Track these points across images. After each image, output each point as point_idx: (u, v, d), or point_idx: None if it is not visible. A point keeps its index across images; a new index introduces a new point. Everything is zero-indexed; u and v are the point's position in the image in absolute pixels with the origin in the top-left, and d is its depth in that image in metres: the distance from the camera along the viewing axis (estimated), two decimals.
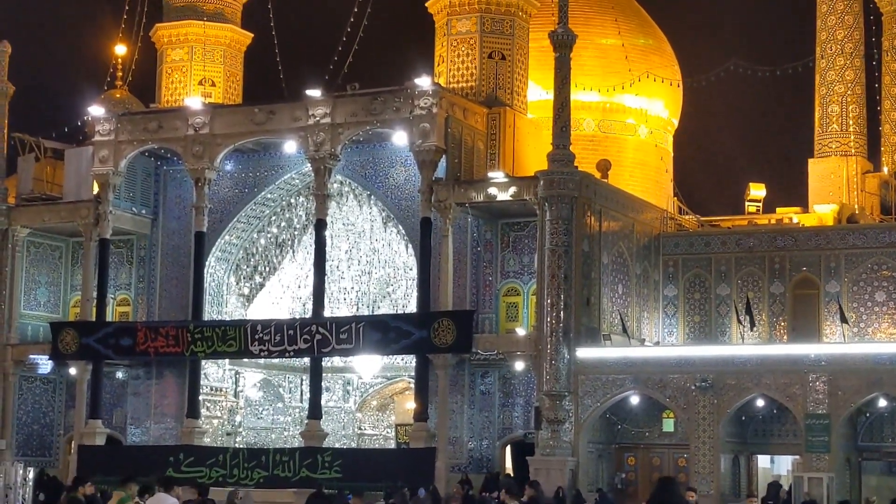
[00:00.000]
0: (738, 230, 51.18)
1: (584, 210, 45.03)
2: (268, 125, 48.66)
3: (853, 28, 61.96)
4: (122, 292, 52.29)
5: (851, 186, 59.35)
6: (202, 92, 54.90)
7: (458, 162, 47.17)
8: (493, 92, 49.66)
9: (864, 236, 47.87)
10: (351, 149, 48.33)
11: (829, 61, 61.89)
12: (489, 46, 50.11)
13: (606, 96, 58.16)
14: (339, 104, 47.52)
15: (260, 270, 52.38)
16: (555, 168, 44.37)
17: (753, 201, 58.61)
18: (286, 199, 51.49)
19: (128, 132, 50.24)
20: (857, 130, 61.42)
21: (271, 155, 50.23)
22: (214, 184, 49.85)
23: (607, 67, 57.98)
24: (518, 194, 45.76)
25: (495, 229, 47.87)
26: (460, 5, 50.25)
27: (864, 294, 47.08)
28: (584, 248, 44.96)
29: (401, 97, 46.63)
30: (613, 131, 59.19)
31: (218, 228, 50.45)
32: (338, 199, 50.65)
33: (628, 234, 47.89)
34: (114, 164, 50.00)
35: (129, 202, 51.40)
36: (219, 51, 56.55)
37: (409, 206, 47.90)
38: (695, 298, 48.85)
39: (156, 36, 56.77)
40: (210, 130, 49.23)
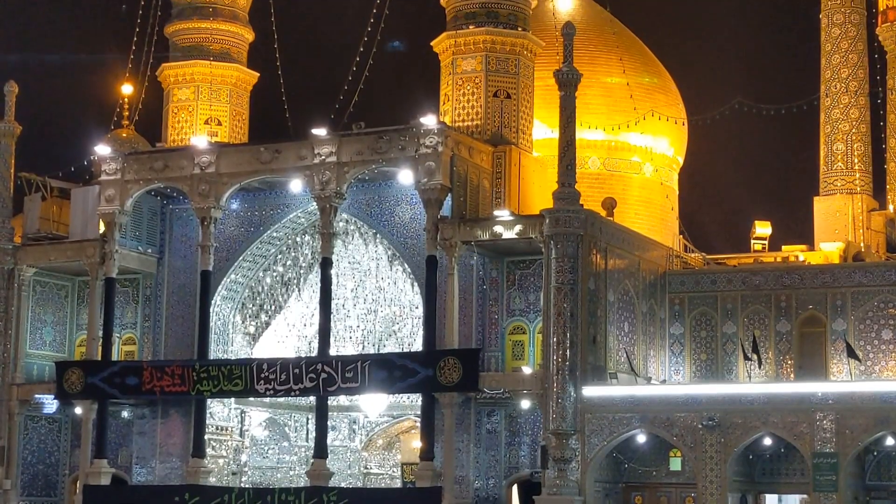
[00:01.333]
0: (744, 268, 51.04)
1: (590, 248, 44.96)
2: (273, 164, 48.68)
3: (857, 66, 62.14)
4: (128, 331, 52.20)
5: (857, 224, 59.33)
6: (208, 131, 55.08)
7: (464, 200, 47.17)
8: (498, 130, 49.71)
9: (870, 274, 47.74)
10: (356, 187, 48.35)
11: (833, 99, 62.01)
12: (494, 85, 50.20)
13: (612, 134, 58.22)
14: (345, 143, 47.58)
15: (266, 309, 52.29)
16: (560, 206, 44.34)
17: (759, 239, 58.57)
18: (292, 238, 51.47)
19: (134, 171, 50.29)
20: (862, 168, 61.45)
21: (277, 194, 50.24)
22: (220, 223, 49.85)
23: (612, 106, 58.08)
24: (524, 232, 45.72)
25: (501, 267, 47.79)
26: (465, 45, 50.39)
27: (871, 332, 46.93)
28: (590, 286, 44.88)
29: (406, 136, 46.67)
30: (619, 169, 59.21)
31: (224, 267, 50.42)
32: (343, 237, 50.63)
33: (634, 272, 47.79)
34: (120, 203, 50.03)
35: (135, 241, 51.39)
36: (225, 90, 56.71)
37: (415, 244, 47.87)
38: (701, 336, 48.71)
39: (162, 75, 56.96)
40: (216, 169, 49.28)
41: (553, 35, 51.05)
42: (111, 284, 50.07)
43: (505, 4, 50.75)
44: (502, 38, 50.34)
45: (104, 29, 75.69)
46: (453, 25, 50.88)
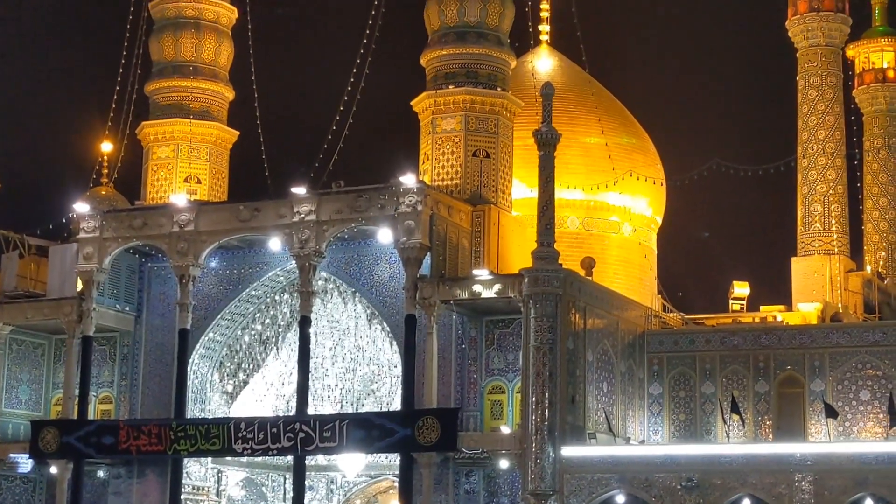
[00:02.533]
0: (722, 328, 51.09)
1: (569, 308, 44.99)
2: (253, 222, 48.70)
3: (834, 128, 62.66)
4: (105, 390, 51.90)
5: (835, 285, 59.58)
6: (188, 189, 55.06)
7: (443, 259, 47.21)
8: (477, 190, 49.87)
9: (848, 335, 47.81)
10: (336, 246, 48.36)
11: (810, 160, 62.47)
12: (474, 144, 50.41)
13: (590, 194, 58.42)
14: (324, 201, 47.65)
15: (244, 367, 52.13)
16: (539, 266, 44.41)
17: (737, 299, 58.76)
18: (271, 296, 51.40)
19: (112, 229, 50.22)
20: (840, 229, 61.83)
21: (256, 252, 50.21)
22: (199, 281, 49.77)
23: (591, 166, 58.34)
24: (503, 292, 45.74)
25: (480, 327, 47.77)
26: (445, 104, 50.65)
27: (849, 393, 46.95)
28: (569, 346, 44.86)
29: (386, 195, 46.76)
30: (597, 229, 59.38)
31: (202, 325, 50.29)
32: (322, 296, 50.58)
33: (613, 331, 47.80)
34: (98, 262, 49.91)
35: (112, 299, 51.23)
36: (205, 148, 56.79)
37: (394, 303, 47.84)
38: (680, 396, 48.64)
39: (142, 134, 57.02)
40: (195, 227, 49.26)
41: (532, 95, 51.37)
42: (88, 343, 49.84)
43: (484, 65, 51.08)
44: (482, 97, 50.61)
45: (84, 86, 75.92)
46: (433, 85, 51.17)
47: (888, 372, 46.53)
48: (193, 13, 57.21)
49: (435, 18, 51.65)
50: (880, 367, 46.69)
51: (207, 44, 57.24)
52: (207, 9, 57.40)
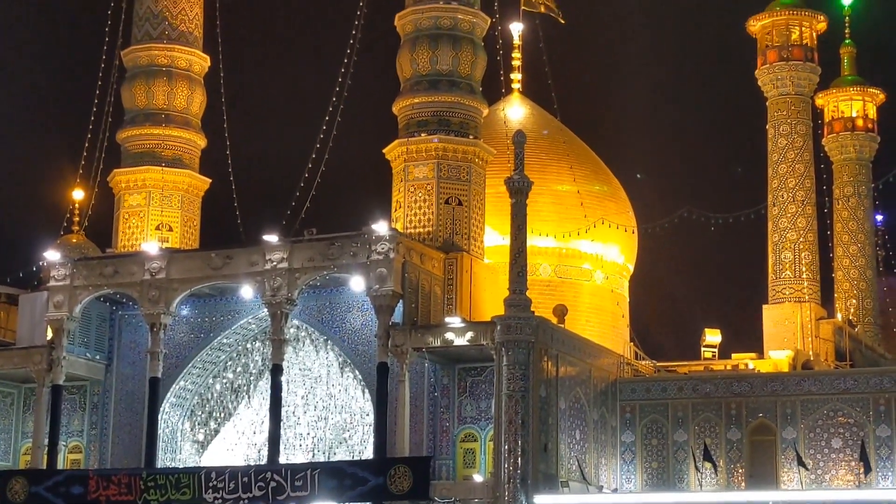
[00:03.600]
0: (694, 376, 51.14)
1: (541, 355, 44.97)
2: (225, 270, 48.61)
3: (804, 176, 63.06)
4: (74, 439, 51.51)
5: (806, 332, 59.80)
6: (159, 237, 54.97)
7: (415, 307, 47.18)
8: (450, 237, 49.95)
9: (819, 383, 47.94)
10: (308, 293, 48.30)
11: (781, 208, 62.82)
12: (446, 192, 50.52)
13: (562, 242, 58.59)
14: (297, 249, 47.61)
15: (215, 416, 51.84)
16: (511, 313, 44.41)
17: (709, 347, 58.85)
18: (242, 344, 51.23)
19: (83, 277, 50.04)
20: (811, 277, 62.10)
21: (228, 300, 50.09)
22: (170, 329, 49.59)
23: (563, 213, 58.55)
24: (475, 339, 45.69)
25: (452, 374, 47.68)
26: (417, 152, 50.80)
27: (821, 441, 47.00)
28: (542, 394, 44.82)
29: (358, 242, 46.76)
30: (570, 276, 59.48)
31: (173, 374, 50.04)
32: (294, 343, 50.41)
33: (585, 379, 47.80)
34: (68, 310, 49.70)
35: (83, 347, 50.96)
36: (176, 196, 56.68)
37: (366, 350, 47.74)
38: (652, 444, 48.60)
39: (114, 181, 56.90)
40: (166, 275, 49.13)
41: (504, 143, 51.61)
42: (58, 392, 49.50)
43: (457, 113, 51.29)
44: (454, 145, 50.79)
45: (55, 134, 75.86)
46: (405, 133, 51.33)
47: (859, 419, 46.64)
48: (166, 61, 57.25)
49: (407, 66, 51.88)
50: (852, 415, 46.80)
51: (180, 92, 57.26)
52: (180, 57, 57.47)
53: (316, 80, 67.73)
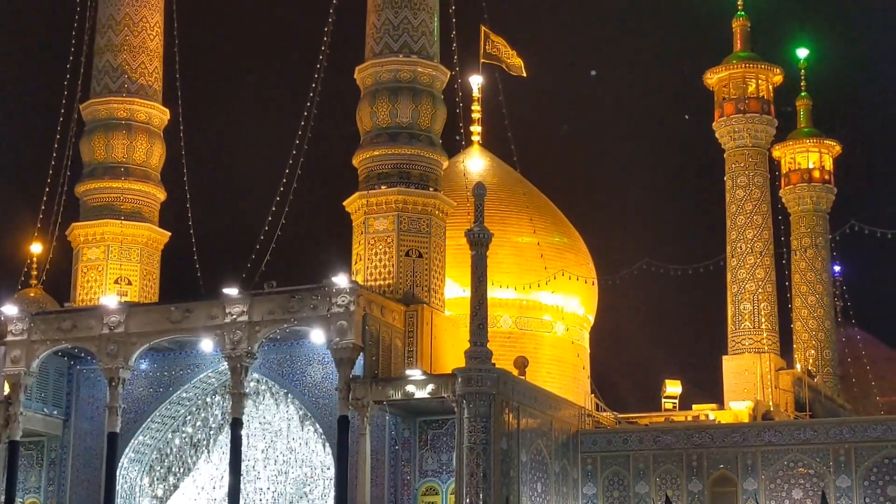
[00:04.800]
0: (655, 427, 51.23)
1: (503, 407, 44.93)
2: (184, 323, 48.39)
3: (762, 227, 63.41)
4: (31, 496, 50.95)
5: (765, 383, 59.96)
6: (118, 290, 54.67)
7: (376, 359, 47.09)
8: (410, 289, 49.93)
9: (779, 433, 48.12)
10: (268, 347, 48.15)
11: (739, 260, 63.13)
12: (406, 244, 50.56)
13: (523, 293, 58.73)
14: (257, 302, 47.48)
15: (174, 471, 51.45)
16: (472, 365, 44.37)
17: (670, 398, 58.93)
18: (202, 398, 50.97)
19: (41, 332, 49.69)
20: (770, 328, 62.32)
21: (187, 353, 49.89)
22: (129, 383, 49.28)
23: (523, 265, 58.71)
24: (436, 392, 45.63)
25: (413, 427, 47.57)
26: (377, 204, 50.85)
27: (782, 492, 47.11)
28: (503, 446, 44.72)
29: (318, 295, 46.69)
30: (530, 328, 59.57)
31: (132, 429, 49.70)
32: (254, 397, 50.19)
33: (546, 431, 47.76)
34: (26, 365, 49.30)
35: (40, 403, 50.56)
36: (136, 249, 56.49)
37: (327, 404, 47.59)
38: (614, 497, 48.58)
39: (72, 235, 56.66)
40: (125, 329, 48.88)
41: (464, 195, 51.69)
42: (15, 448, 48.97)
43: (416, 165, 51.44)
44: (414, 198, 50.90)
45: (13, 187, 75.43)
46: (365, 185, 51.40)
47: (820, 470, 46.78)
48: (125, 114, 57.22)
49: (367, 119, 52.03)
50: (812, 466, 46.95)
51: (139, 145, 57.20)
52: (139, 110, 57.44)
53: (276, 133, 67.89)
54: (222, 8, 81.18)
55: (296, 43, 76.19)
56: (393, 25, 52.22)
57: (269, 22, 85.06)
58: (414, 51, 52.05)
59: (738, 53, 65.98)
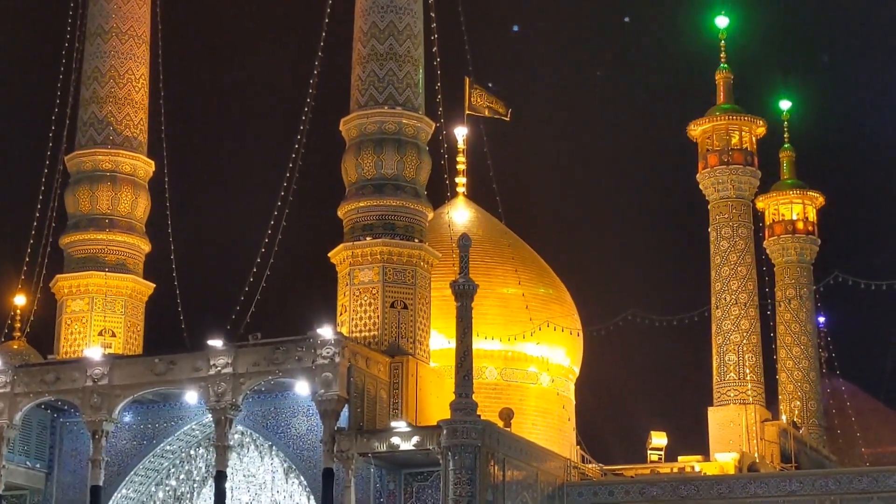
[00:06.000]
0: (641, 479, 51.14)
1: (488, 459, 44.82)
2: (168, 375, 48.22)
3: (746, 278, 63.63)
4: None
5: (751, 435, 59.97)
6: (102, 342, 54.51)
7: (361, 411, 46.95)
8: (395, 341, 49.84)
9: (765, 485, 48.05)
10: (252, 399, 47.96)
11: (724, 311, 63.29)
12: (391, 296, 50.51)
13: (508, 345, 58.67)
14: (241, 354, 47.35)
15: None
16: (457, 417, 44.31)
17: (655, 450, 58.87)
18: (186, 451, 50.68)
19: (24, 384, 49.42)
20: (755, 379, 62.42)
21: (171, 405, 49.65)
22: (112, 436, 48.99)
23: (508, 316, 58.67)
24: (421, 444, 45.48)
25: (398, 479, 47.34)
26: (363, 256, 50.85)
27: None
28: (489, 498, 44.57)
29: (303, 347, 46.58)
30: (516, 379, 59.47)
31: (115, 482, 49.31)
32: (238, 449, 49.91)
33: (532, 483, 47.60)
34: (9, 418, 48.99)
35: (23, 456, 50.23)
36: (120, 301, 56.36)
37: (311, 456, 47.36)
38: None
39: (56, 287, 56.52)
40: (109, 381, 48.65)
41: (449, 246, 51.82)
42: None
43: (402, 216, 51.47)
44: (399, 249, 50.87)
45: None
46: (350, 237, 51.41)
47: None
48: (110, 166, 57.27)
49: (352, 170, 52.13)
50: None
51: (124, 196, 57.19)
52: (124, 162, 57.50)
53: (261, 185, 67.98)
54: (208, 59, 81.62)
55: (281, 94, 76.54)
56: (378, 77, 52.44)
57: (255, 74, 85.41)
58: (399, 102, 52.24)
59: (722, 106, 66.44)
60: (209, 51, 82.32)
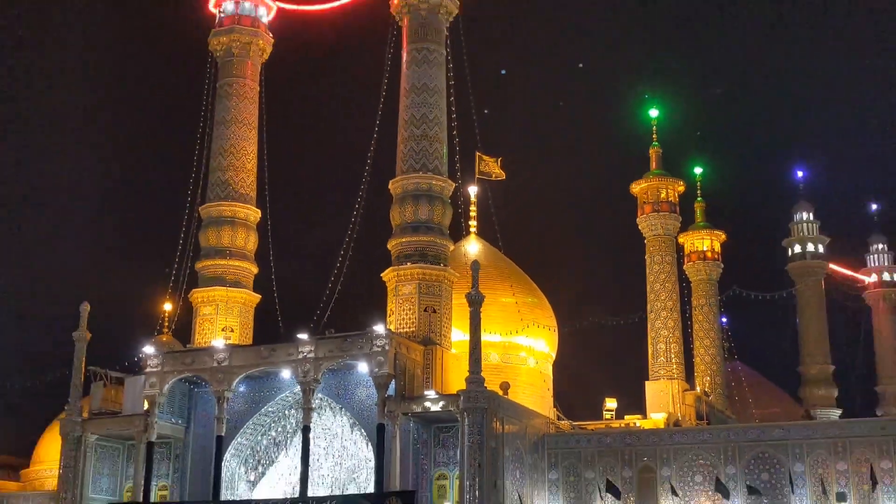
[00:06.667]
0: (598, 431, 50.93)
1: (492, 418, 44.79)
2: (270, 359, 48.36)
3: (672, 291, 63.52)
4: (163, 480, 50.70)
5: (675, 400, 59.73)
6: (224, 336, 54.69)
7: (403, 384, 46.98)
8: (427, 335, 49.84)
9: (685, 436, 47.87)
10: (328, 375, 48.04)
11: (656, 314, 63.14)
12: (424, 303, 50.53)
13: (506, 337, 58.56)
14: (320, 344, 47.48)
15: (262, 463, 51.09)
16: (471, 388, 44.33)
17: (608, 411, 58.64)
18: (282, 411, 50.73)
19: (170, 365, 49.67)
20: (678, 361, 62.28)
21: (272, 380, 49.74)
22: (230, 401, 49.15)
23: (506, 318, 58.61)
24: (445, 407, 45.48)
25: (430, 431, 47.32)
26: (404, 276, 50.89)
27: (688, 477, 46.79)
28: (492, 445, 44.51)
29: (364, 339, 46.71)
30: (511, 362, 59.32)
31: (232, 433, 49.48)
32: (318, 410, 49.91)
33: (523, 434, 47.51)
34: (160, 388, 49.27)
35: (168, 415, 50.42)
36: (236, 307, 56.55)
37: (369, 415, 47.39)
38: (570, 481, 48.21)
39: (192, 297, 56.72)
40: (229, 363, 48.84)
41: (465, 269, 51.77)
42: (151, 447, 48.89)
43: (431, 249, 51.53)
44: (430, 271, 50.91)
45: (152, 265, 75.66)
46: (396, 263, 51.48)
47: (714, 461, 46.51)
48: (230, 214, 57.57)
49: (397, 216, 52.26)
50: (708, 459, 46.67)
51: (239, 235, 57.45)
52: (239, 210, 57.77)
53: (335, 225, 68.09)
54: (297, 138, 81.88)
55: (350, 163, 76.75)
56: (415, 152, 52.61)
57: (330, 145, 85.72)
58: (429, 169, 52.38)
59: (654, 171, 66.41)
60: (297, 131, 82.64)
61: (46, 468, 61.70)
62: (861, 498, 44.40)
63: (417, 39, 53.57)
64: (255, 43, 59.81)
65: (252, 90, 59.65)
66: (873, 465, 44.40)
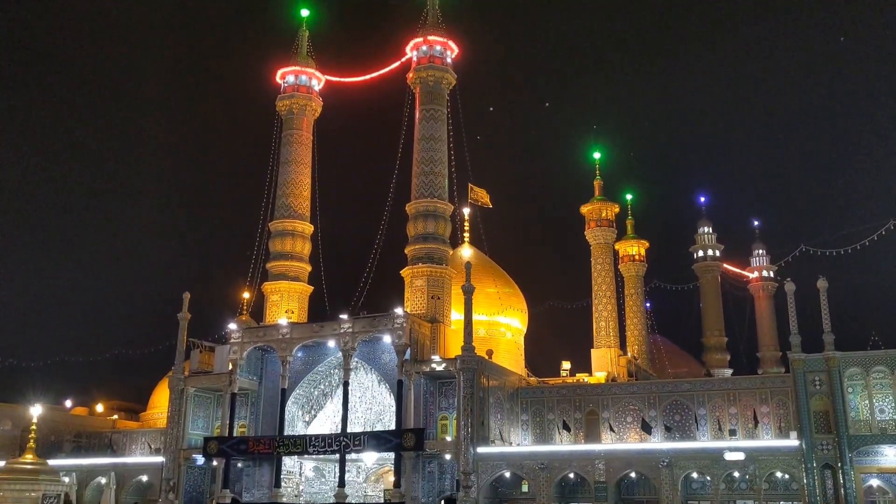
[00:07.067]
0: (557, 386, 50.95)
1: (480, 375, 44.79)
2: (320, 332, 48.34)
3: (610, 283, 63.41)
4: (242, 421, 50.56)
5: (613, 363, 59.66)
6: (287, 316, 54.59)
7: (416, 351, 46.95)
8: (433, 315, 49.78)
9: (620, 388, 47.88)
10: (362, 344, 47.99)
11: (598, 300, 63.04)
12: (432, 292, 50.49)
13: (490, 317, 58.43)
14: (357, 322, 47.47)
15: (314, 408, 51.03)
16: (465, 354, 44.34)
17: (564, 370, 58.57)
18: (328, 371, 50.68)
19: (248, 337, 49.61)
20: (614, 335, 62.18)
21: (321, 348, 49.68)
22: (291, 364, 49.09)
23: (490, 303, 58.47)
24: (447, 368, 45.46)
25: (436, 385, 47.28)
26: (417, 273, 50.81)
27: (622, 418, 46.78)
28: (480, 395, 44.51)
29: (387, 318, 46.70)
30: (494, 335, 59.21)
31: (293, 387, 49.40)
32: (355, 370, 49.92)
33: (502, 387, 47.50)
34: (240, 355, 49.22)
35: (247, 373, 50.36)
36: (295, 296, 56.40)
37: (392, 374, 47.36)
38: (536, 421, 48.23)
39: (264, 288, 56.52)
40: (290, 336, 48.79)
41: (461, 267, 51.79)
42: (234, 397, 48.86)
43: (436, 253, 51.47)
44: (436, 269, 50.89)
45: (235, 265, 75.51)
46: (411, 263, 51.42)
47: (640, 407, 46.52)
48: (290, 228, 57.44)
49: (412, 230, 52.23)
50: (637, 405, 46.67)
51: (298, 243, 57.37)
52: (297, 225, 57.62)
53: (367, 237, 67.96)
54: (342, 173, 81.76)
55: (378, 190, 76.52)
56: (424, 183, 52.61)
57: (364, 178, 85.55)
58: (435, 195, 52.35)
59: (597, 197, 66.37)
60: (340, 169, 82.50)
61: (158, 412, 61.80)
62: (747, 433, 44.47)
63: (426, 102, 53.66)
64: (309, 105, 59.87)
65: (307, 139, 59.67)
66: (755, 409, 44.49)
